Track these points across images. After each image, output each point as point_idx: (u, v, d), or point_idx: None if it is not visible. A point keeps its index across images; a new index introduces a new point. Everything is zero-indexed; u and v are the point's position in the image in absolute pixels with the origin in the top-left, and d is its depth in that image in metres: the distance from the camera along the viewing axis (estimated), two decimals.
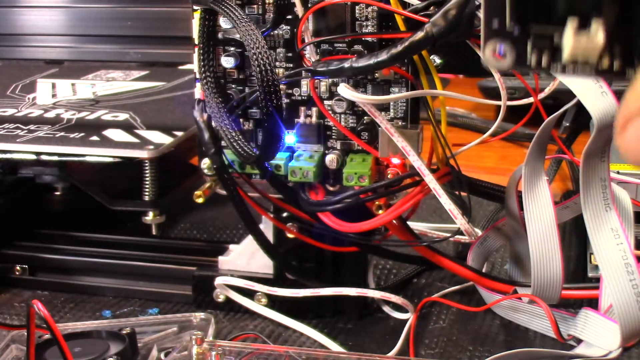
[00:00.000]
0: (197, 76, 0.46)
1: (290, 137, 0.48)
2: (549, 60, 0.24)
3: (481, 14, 0.25)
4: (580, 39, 0.23)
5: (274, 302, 0.52)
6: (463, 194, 0.44)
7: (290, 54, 0.47)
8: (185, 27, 0.48)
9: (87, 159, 0.56)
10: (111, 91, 0.75)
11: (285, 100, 0.47)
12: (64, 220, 0.64)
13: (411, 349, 0.48)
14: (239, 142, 0.45)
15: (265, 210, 0.50)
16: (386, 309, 0.52)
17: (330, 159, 0.47)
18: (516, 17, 0.24)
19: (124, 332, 0.45)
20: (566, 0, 0.23)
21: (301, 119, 0.47)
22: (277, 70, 0.47)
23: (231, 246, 0.55)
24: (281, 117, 0.45)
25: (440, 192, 0.42)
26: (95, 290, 0.57)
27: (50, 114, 0.66)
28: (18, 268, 0.59)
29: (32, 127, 0.61)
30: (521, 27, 0.24)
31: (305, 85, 0.47)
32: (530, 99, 0.46)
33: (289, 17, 0.46)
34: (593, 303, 0.45)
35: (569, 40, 0.23)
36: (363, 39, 0.45)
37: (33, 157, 0.57)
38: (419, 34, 0.37)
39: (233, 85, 0.48)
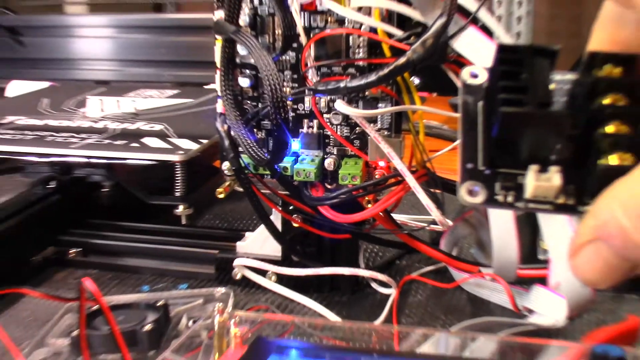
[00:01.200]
0: (219, 94, 0.46)
1: (295, 144, 0.47)
2: (514, 198, 0.24)
3: (458, 159, 0.25)
4: (540, 181, 0.23)
5: (282, 280, 0.51)
6: (437, 191, 0.44)
7: (295, 76, 0.47)
8: (210, 54, 0.47)
9: (129, 161, 0.56)
10: (149, 106, 0.75)
11: (291, 114, 0.47)
12: (110, 212, 0.64)
13: (394, 318, 0.48)
14: (253, 148, 0.45)
15: (275, 204, 0.50)
16: (374, 285, 0.52)
17: (329, 162, 0.46)
18: (487, 162, 0.24)
19: (159, 303, 0.45)
20: (529, 150, 0.23)
21: (304, 129, 0.47)
22: (284, 89, 0.47)
23: (247, 233, 0.55)
24: (288, 127, 0.45)
25: (418, 189, 0.42)
26: (136, 269, 0.57)
27: (99, 125, 0.66)
28: (72, 251, 0.59)
29: (83, 135, 0.61)
30: (491, 170, 0.24)
31: (308, 101, 0.47)
32: None
33: (295, 45, 0.46)
34: (543, 281, 0.44)
35: (531, 182, 0.23)
36: (356, 63, 0.45)
37: (84, 160, 0.57)
38: (402, 59, 0.37)
39: (248, 102, 0.48)
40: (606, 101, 0.22)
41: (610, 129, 0.22)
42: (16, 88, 0.93)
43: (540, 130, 0.23)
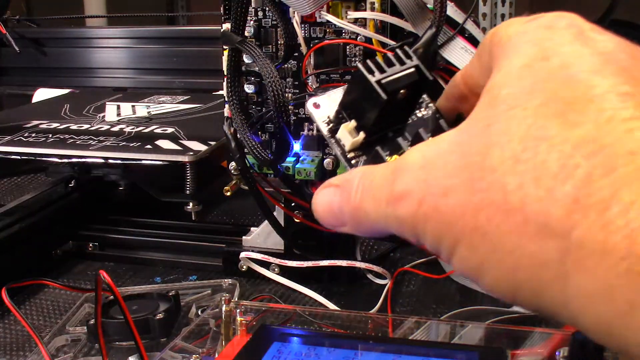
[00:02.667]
0: (226, 99, 0.46)
1: (296, 146, 0.47)
2: (332, 129, 0.28)
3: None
4: (349, 131, 0.26)
5: (285, 271, 0.51)
6: None
7: (296, 83, 0.47)
8: (218, 62, 0.47)
9: (143, 162, 0.56)
10: (161, 111, 0.75)
11: (293, 118, 0.47)
12: (126, 208, 0.63)
13: (389, 307, 0.47)
14: (258, 149, 0.44)
15: (278, 201, 0.49)
16: (370, 276, 0.52)
17: (327, 162, 0.46)
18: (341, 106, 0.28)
19: (170, 294, 0.44)
20: (356, 106, 0.27)
21: (305, 132, 0.47)
22: (287, 95, 0.46)
23: (252, 228, 0.54)
24: (290, 130, 0.44)
25: None
26: (149, 261, 0.57)
27: (115, 128, 0.65)
28: (90, 245, 0.59)
29: (101, 138, 0.61)
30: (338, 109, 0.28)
31: None
32: None
33: (296, 54, 0.46)
34: None
35: (344, 127, 0.27)
36: (352, 71, 0.45)
37: (102, 161, 0.57)
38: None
39: (253, 106, 0.48)
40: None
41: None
42: (42, 95, 0.93)
43: (367, 97, 0.26)
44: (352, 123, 0.26)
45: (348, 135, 0.26)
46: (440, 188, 0.20)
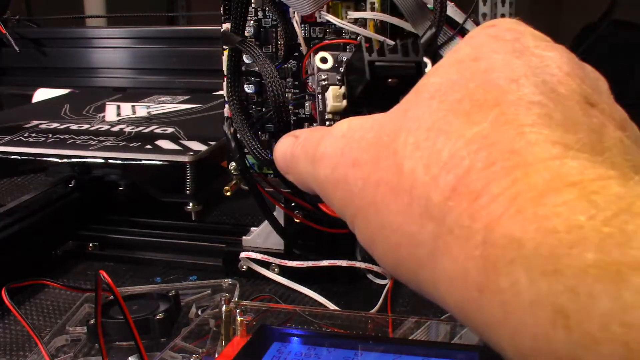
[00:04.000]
0: (226, 99, 0.46)
1: None
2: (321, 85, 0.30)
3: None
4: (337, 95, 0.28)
5: (285, 271, 0.51)
6: None
7: (296, 83, 0.47)
8: (217, 62, 0.47)
9: (143, 162, 0.56)
10: (161, 111, 0.74)
11: (293, 118, 0.47)
12: (126, 208, 0.63)
13: (389, 307, 0.47)
14: (258, 149, 0.44)
15: (278, 201, 0.49)
16: (370, 276, 0.52)
17: None
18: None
19: (171, 294, 0.44)
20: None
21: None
22: (287, 95, 0.46)
23: (252, 228, 0.54)
24: (290, 130, 0.44)
25: None
26: (149, 262, 0.57)
27: (115, 129, 0.65)
28: (91, 245, 0.59)
29: (101, 138, 0.61)
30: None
31: (308, 106, 0.46)
32: None
33: (296, 54, 0.46)
34: None
35: (332, 91, 0.28)
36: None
37: (102, 161, 0.57)
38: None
39: (253, 106, 0.48)
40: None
41: None
42: (42, 95, 0.93)
43: (357, 68, 0.27)
44: (341, 90, 0.27)
45: (332, 99, 0.28)
46: (351, 159, 0.22)
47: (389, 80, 0.26)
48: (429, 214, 0.19)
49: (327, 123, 0.27)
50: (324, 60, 0.29)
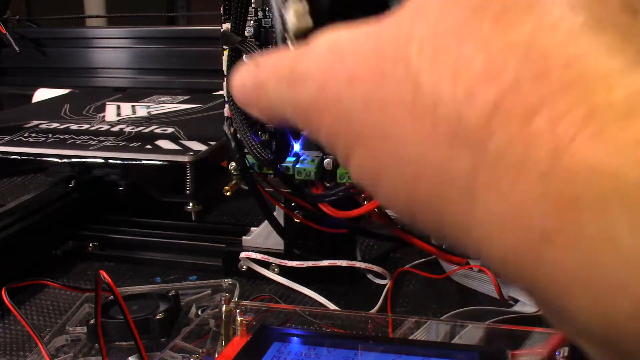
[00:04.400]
0: (226, 99, 0.46)
1: (296, 146, 0.47)
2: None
3: None
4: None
5: (285, 271, 0.51)
6: None
7: None
8: (218, 62, 0.47)
9: (143, 162, 0.56)
10: (161, 111, 0.74)
11: None
12: (126, 208, 0.63)
13: (389, 307, 0.47)
14: (258, 149, 0.44)
15: (278, 201, 0.49)
16: (370, 276, 0.52)
17: (327, 162, 0.46)
18: None
19: (171, 294, 0.44)
20: None
21: (305, 132, 0.47)
22: None
23: (252, 228, 0.54)
24: (290, 130, 0.44)
25: None
26: (149, 261, 0.57)
27: (115, 129, 0.65)
28: (91, 245, 0.58)
29: (101, 138, 0.61)
30: None
31: None
32: None
33: None
34: None
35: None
36: None
37: (102, 161, 0.57)
38: None
39: None
40: None
41: None
42: (42, 95, 0.93)
43: None
44: (305, 6, 0.24)
45: (295, 18, 0.24)
46: (346, 74, 0.18)
47: None
48: (462, 140, 0.15)
49: (290, 47, 0.24)
50: None
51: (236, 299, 0.45)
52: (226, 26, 0.44)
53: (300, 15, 0.24)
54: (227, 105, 0.46)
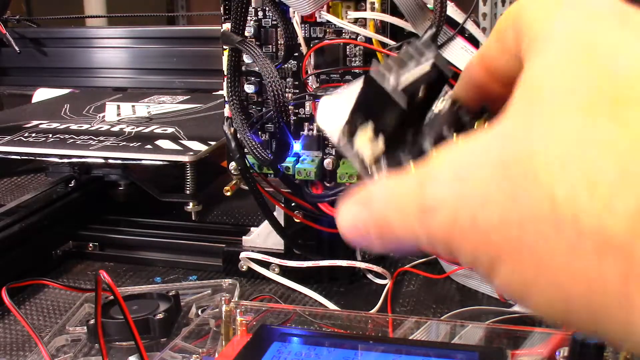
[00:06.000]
0: (226, 99, 0.46)
1: (296, 146, 0.47)
2: (346, 139, 0.24)
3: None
4: (367, 137, 0.23)
5: (285, 271, 0.51)
6: None
7: (297, 82, 0.47)
8: (218, 62, 0.47)
9: (143, 162, 0.56)
10: (161, 111, 0.74)
11: (293, 118, 0.47)
12: (126, 208, 0.63)
13: (389, 307, 0.47)
14: (258, 149, 0.44)
15: (278, 201, 0.49)
16: (370, 276, 0.52)
17: (327, 162, 0.46)
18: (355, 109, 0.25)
19: (171, 294, 0.44)
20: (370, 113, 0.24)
21: (305, 132, 0.47)
22: (287, 95, 0.46)
23: (252, 228, 0.54)
24: (290, 130, 0.44)
25: None
26: (149, 261, 0.57)
27: (115, 128, 0.65)
28: (90, 245, 0.58)
29: (101, 138, 0.61)
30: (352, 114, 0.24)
31: (308, 106, 0.46)
32: None
33: (296, 54, 0.46)
34: None
35: (362, 135, 0.24)
36: (352, 70, 0.45)
37: (102, 161, 0.57)
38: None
39: (253, 106, 0.48)
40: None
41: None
42: (42, 95, 0.93)
43: (379, 102, 0.23)
44: (369, 132, 0.24)
45: (367, 146, 0.24)
46: (477, 199, 0.18)
47: (419, 95, 0.23)
48: (608, 247, 0.16)
49: (374, 173, 0.24)
50: (325, 110, 0.25)
51: (236, 299, 0.45)
52: (226, 26, 0.44)
53: (371, 143, 0.24)
54: (227, 105, 0.46)
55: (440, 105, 0.24)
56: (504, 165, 0.18)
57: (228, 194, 0.48)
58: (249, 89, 0.47)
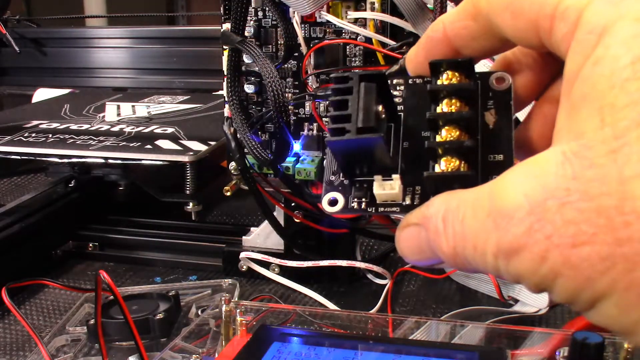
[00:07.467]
0: (226, 99, 0.46)
1: (296, 146, 0.47)
2: (367, 204, 0.24)
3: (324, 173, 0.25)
4: (384, 189, 0.23)
5: (285, 271, 0.51)
6: None
7: (296, 82, 0.47)
8: (217, 62, 0.47)
9: (143, 162, 0.56)
10: (161, 111, 0.74)
11: (292, 118, 0.47)
12: (126, 208, 0.63)
13: (389, 307, 0.47)
14: (258, 149, 0.44)
15: (278, 201, 0.49)
16: (370, 276, 0.52)
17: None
18: (345, 175, 0.24)
19: (171, 294, 0.44)
20: (370, 163, 0.23)
21: (305, 132, 0.47)
22: (287, 95, 0.46)
23: (252, 228, 0.54)
24: (290, 130, 0.44)
25: None
26: (149, 262, 0.57)
27: (115, 128, 0.65)
28: (90, 245, 0.59)
29: (101, 138, 0.61)
30: (350, 180, 0.24)
31: (308, 106, 0.46)
32: None
33: (296, 54, 0.46)
34: None
35: (376, 191, 0.23)
36: (352, 70, 0.45)
37: (102, 161, 0.57)
38: (395, 67, 0.37)
39: (253, 106, 0.48)
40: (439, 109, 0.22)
41: (440, 137, 0.22)
42: (42, 95, 0.93)
43: (365, 150, 0.23)
44: (379, 180, 0.23)
45: (389, 192, 0.23)
46: (566, 238, 0.17)
47: (379, 111, 0.23)
48: None
49: (411, 202, 0.23)
50: (332, 203, 0.24)
51: (236, 299, 0.45)
52: (226, 26, 0.44)
53: (386, 186, 0.23)
54: (227, 105, 0.46)
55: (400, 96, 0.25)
56: (592, 200, 0.17)
57: (228, 194, 0.48)
58: (249, 89, 0.47)
